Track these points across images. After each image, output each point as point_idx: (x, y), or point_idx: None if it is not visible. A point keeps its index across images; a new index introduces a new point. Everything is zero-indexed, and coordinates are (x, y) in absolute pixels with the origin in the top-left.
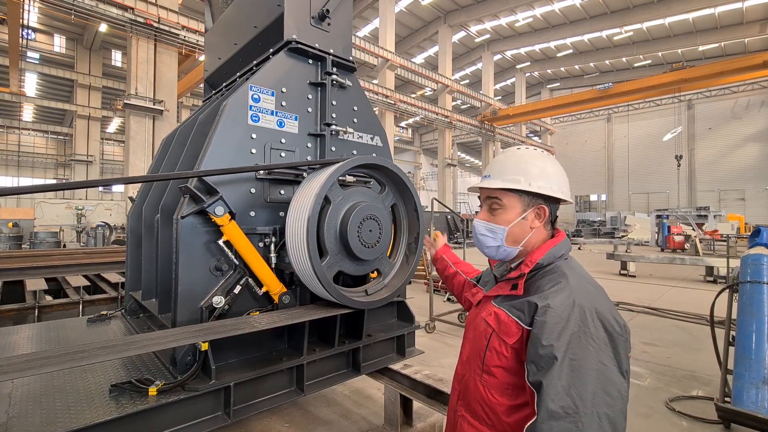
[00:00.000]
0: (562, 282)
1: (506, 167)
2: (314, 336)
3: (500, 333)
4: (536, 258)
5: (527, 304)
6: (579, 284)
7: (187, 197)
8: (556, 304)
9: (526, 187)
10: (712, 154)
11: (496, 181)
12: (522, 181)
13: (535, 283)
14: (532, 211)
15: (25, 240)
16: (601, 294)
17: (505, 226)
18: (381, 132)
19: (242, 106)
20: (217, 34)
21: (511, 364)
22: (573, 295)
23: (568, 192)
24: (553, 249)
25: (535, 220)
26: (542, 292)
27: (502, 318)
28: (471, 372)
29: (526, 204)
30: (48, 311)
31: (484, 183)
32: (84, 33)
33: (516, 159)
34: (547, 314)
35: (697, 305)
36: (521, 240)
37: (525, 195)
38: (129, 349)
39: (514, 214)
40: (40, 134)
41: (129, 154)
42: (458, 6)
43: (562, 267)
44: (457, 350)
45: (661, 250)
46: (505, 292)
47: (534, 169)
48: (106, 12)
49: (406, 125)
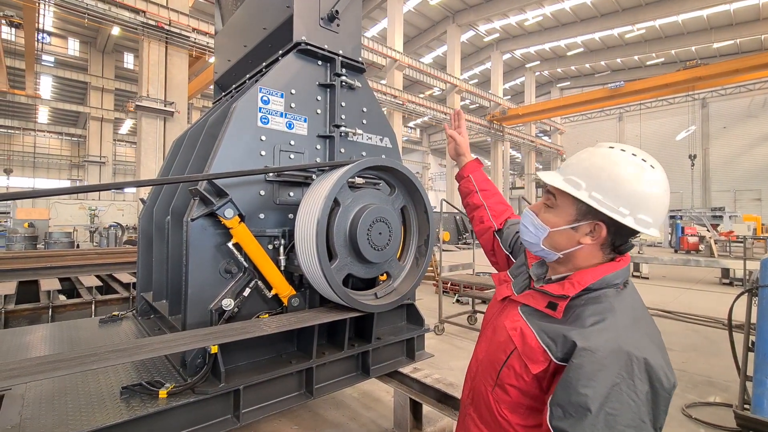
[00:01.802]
0: (608, 319)
1: (578, 165)
2: (323, 339)
3: (523, 355)
4: (587, 281)
5: (563, 339)
6: (628, 325)
7: (197, 199)
8: (598, 347)
9: (580, 195)
10: (726, 154)
11: (555, 177)
12: (582, 186)
13: (575, 308)
14: (587, 224)
15: (40, 240)
16: (654, 338)
17: (548, 228)
18: (390, 133)
19: (252, 108)
20: (227, 36)
21: (529, 389)
22: (619, 338)
23: (648, 221)
24: (610, 276)
25: (587, 236)
26: (582, 327)
27: (528, 339)
28: (483, 377)
29: (581, 214)
30: (61, 311)
31: (544, 174)
32: (97, 36)
33: (595, 159)
34: (586, 358)
35: (713, 308)
36: (563, 249)
37: (584, 204)
38: (140, 352)
39: (563, 219)
40: (54, 136)
41: (141, 155)
42: (467, 5)
43: (612, 299)
44: (467, 353)
45: (674, 251)
46: (538, 307)
47: (604, 178)
48: (118, 15)
49: (415, 125)
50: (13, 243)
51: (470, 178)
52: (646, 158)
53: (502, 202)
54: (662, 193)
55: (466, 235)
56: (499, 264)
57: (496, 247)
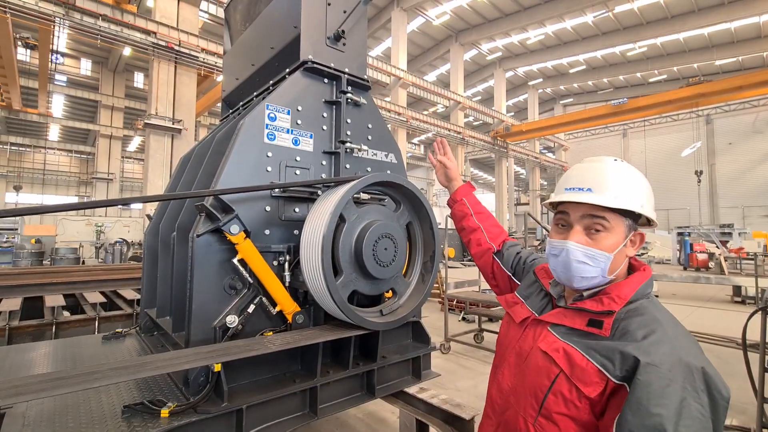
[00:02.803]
0: (658, 330)
1: (615, 182)
2: (327, 357)
3: (573, 378)
4: (627, 294)
5: (620, 355)
6: (676, 335)
7: (203, 215)
8: (661, 361)
9: (644, 211)
10: (733, 170)
11: (606, 198)
12: (638, 202)
13: (618, 323)
14: (630, 237)
15: (47, 256)
16: (697, 345)
17: (610, 253)
18: (395, 149)
19: (259, 125)
20: (235, 56)
21: (581, 415)
22: (676, 349)
23: None
24: (644, 286)
25: (631, 247)
26: (635, 341)
27: (576, 360)
28: (519, 409)
29: (628, 228)
30: (65, 327)
31: (588, 198)
32: (109, 56)
33: (623, 174)
34: (653, 374)
35: (725, 327)
36: (617, 269)
37: (629, 218)
38: (143, 370)
39: (618, 239)
40: (64, 153)
41: (148, 172)
42: (469, 25)
43: (651, 309)
44: (474, 372)
45: (683, 268)
46: (575, 325)
47: (644, 189)
48: (130, 36)
49: (419, 142)
50: (20, 259)
51: (464, 201)
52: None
53: (496, 225)
54: None
55: None
56: (500, 287)
57: (496, 269)
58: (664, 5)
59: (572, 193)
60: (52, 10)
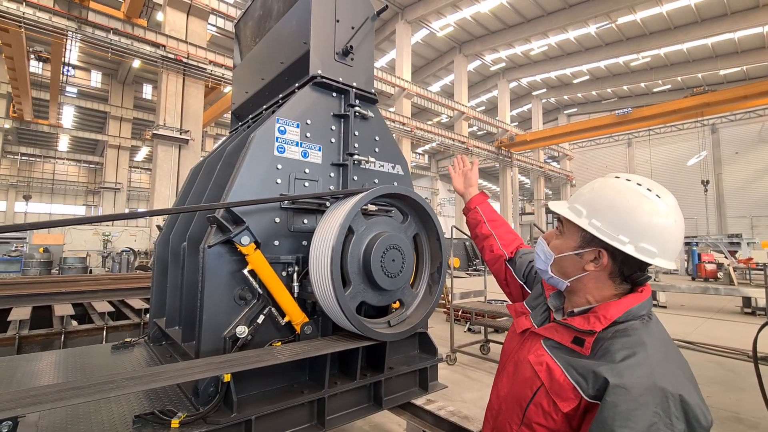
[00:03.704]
0: (640, 354)
1: (583, 194)
2: (335, 368)
3: (551, 392)
4: (612, 316)
5: (593, 375)
6: (660, 359)
7: (214, 227)
8: (633, 384)
9: (580, 222)
10: (740, 179)
11: (562, 205)
12: (583, 213)
13: (602, 342)
14: (591, 252)
15: (55, 265)
16: (687, 372)
17: (555, 253)
18: (402, 160)
19: (269, 138)
20: (245, 70)
21: (558, 428)
22: (654, 374)
23: (653, 250)
24: (635, 308)
25: (591, 263)
26: (613, 362)
27: (556, 375)
28: (508, 415)
29: (584, 241)
30: (74, 336)
31: (553, 204)
32: (119, 68)
33: (600, 188)
34: (621, 396)
35: (736, 339)
36: (570, 276)
37: (586, 231)
38: (156, 380)
39: (568, 245)
40: (73, 163)
41: (155, 182)
42: (473, 37)
43: (640, 331)
44: (480, 384)
45: (692, 279)
46: (563, 341)
47: (605, 206)
48: (140, 49)
49: (423, 151)
50: (29, 268)
51: (477, 210)
52: (652, 187)
53: (510, 232)
54: (670, 222)
55: (476, 261)
56: (513, 295)
57: (509, 277)
58: (667, 16)
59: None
60: (65, 25)
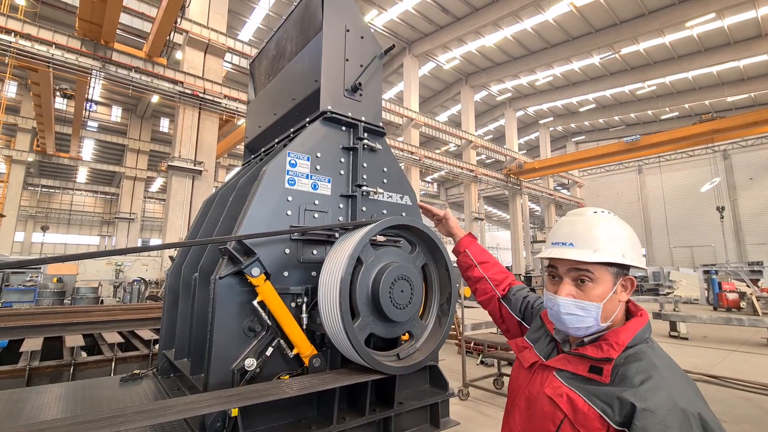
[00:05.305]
0: (655, 376)
1: (594, 236)
2: (344, 402)
3: (576, 423)
4: (624, 340)
5: (618, 402)
6: (674, 380)
7: (225, 258)
8: (657, 407)
9: (625, 261)
10: (758, 205)
11: (586, 253)
12: (617, 252)
13: (617, 368)
14: (620, 283)
15: (68, 295)
16: (696, 390)
17: (599, 303)
18: (410, 191)
19: (280, 171)
20: (259, 105)
21: None
22: (673, 395)
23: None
24: (640, 332)
25: (623, 293)
26: (634, 387)
27: (579, 406)
28: None
29: (615, 276)
30: (83, 368)
31: (570, 254)
32: (138, 103)
33: (603, 226)
34: (649, 420)
35: (764, 374)
36: (611, 316)
37: (614, 267)
38: (166, 414)
39: (606, 288)
40: (90, 194)
41: (168, 212)
42: (478, 68)
43: (649, 354)
44: (495, 420)
45: (713, 308)
46: (578, 371)
47: (622, 237)
48: (159, 86)
49: (432, 180)
50: (42, 298)
51: (467, 253)
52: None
53: (502, 271)
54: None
55: None
56: (511, 331)
57: (505, 314)
58: (670, 46)
59: (556, 249)
60: (90, 64)
